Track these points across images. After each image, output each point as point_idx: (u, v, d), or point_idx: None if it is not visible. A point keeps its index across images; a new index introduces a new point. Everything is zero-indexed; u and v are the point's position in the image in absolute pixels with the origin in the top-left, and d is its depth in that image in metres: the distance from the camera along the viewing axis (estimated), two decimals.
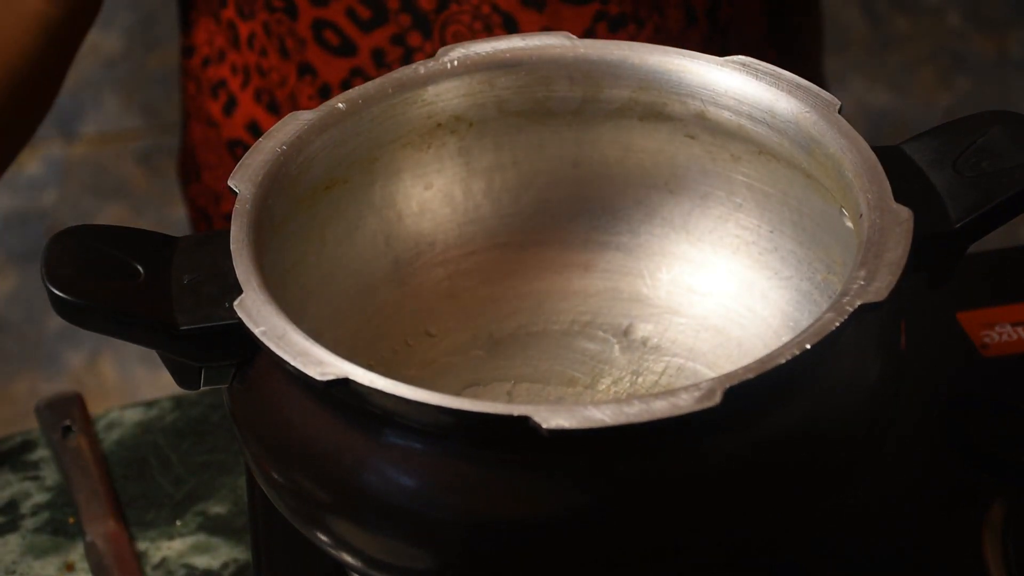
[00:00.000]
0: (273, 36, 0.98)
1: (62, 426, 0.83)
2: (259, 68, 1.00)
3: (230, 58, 1.02)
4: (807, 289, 0.73)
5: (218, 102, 1.03)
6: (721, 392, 0.56)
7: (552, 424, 0.55)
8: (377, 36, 0.96)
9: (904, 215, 0.62)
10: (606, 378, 0.76)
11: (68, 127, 2.22)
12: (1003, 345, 0.83)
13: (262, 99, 1.01)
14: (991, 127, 0.68)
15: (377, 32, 0.95)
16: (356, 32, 0.96)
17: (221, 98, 1.03)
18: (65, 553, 0.79)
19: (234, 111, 1.03)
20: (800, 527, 0.63)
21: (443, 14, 0.94)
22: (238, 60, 1.02)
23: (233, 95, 1.03)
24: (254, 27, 0.99)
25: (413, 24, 0.95)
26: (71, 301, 0.63)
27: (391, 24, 0.95)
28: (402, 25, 0.95)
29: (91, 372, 1.88)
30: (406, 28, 0.95)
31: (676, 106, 0.73)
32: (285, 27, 0.97)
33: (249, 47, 1.01)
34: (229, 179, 0.66)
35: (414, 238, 0.77)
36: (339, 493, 0.61)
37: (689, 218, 0.76)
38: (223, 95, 1.03)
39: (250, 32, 1.00)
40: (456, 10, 0.94)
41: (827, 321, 0.59)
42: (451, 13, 0.94)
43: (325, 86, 0.98)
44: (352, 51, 0.96)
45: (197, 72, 1.06)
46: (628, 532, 0.59)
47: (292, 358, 0.59)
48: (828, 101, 0.68)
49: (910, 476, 0.75)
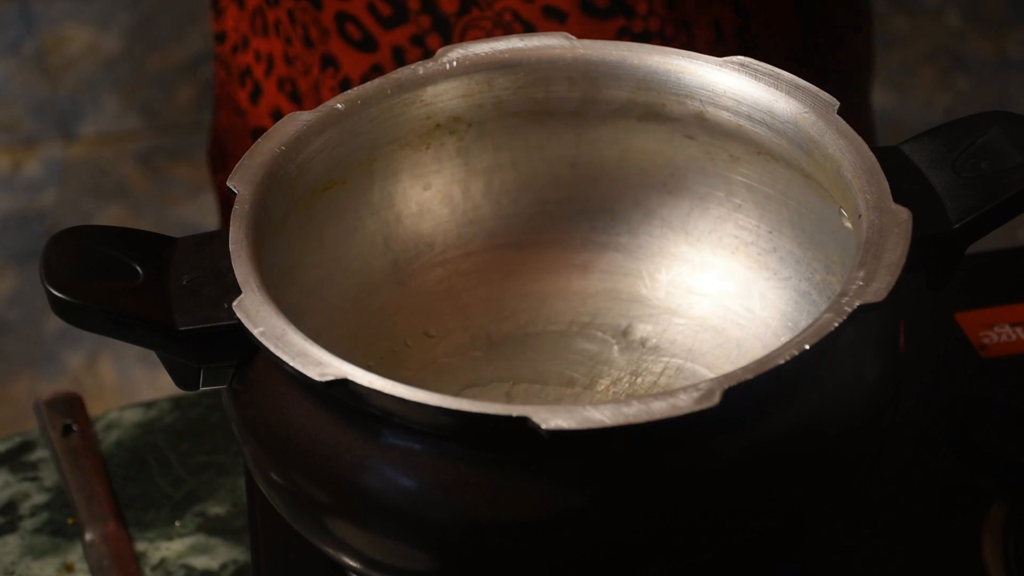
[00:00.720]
0: (298, 24, 0.97)
1: (61, 426, 0.83)
2: (285, 55, 0.99)
3: (253, 45, 1.01)
4: (806, 290, 0.73)
5: (245, 90, 1.03)
6: (720, 393, 0.56)
7: (551, 424, 0.55)
8: (398, 34, 0.95)
9: (903, 216, 0.62)
10: (605, 379, 0.76)
11: (67, 128, 2.23)
12: (1002, 346, 0.83)
13: (285, 88, 1.00)
14: (990, 128, 0.68)
15: (397, 30, 0.95)
16: (377, 28, 0.95)
17: (247, 86, 1.02)
18: (64, 554, 0.79)
19: (260, 99, 1.02)
20: (800, 528, 0.63)
21: (464, 18, 0.94)
22: (262, 47, 1.01)
23: (258, 83, 1.02)
24: (279, 14, 0.98)
25: (433, 26, 0.94)
26: (70, 302, 0.63)
27: (411, 24, 0.94)
28: (422, 26, 0.94)
29: (90, 373, 1.88)
30: (426, 30, 0.94)
31: (675, 107, 0.73)
32: (310, 16, 0.96)
33: (276, 33, 0.99)
34: (228, 179, 0.66)
35: (413, 239, 0.77)
36: (338, 494, 0.61)
37: (688, 219, 0.76)
38: (249, 83, 1.02)
39: (276, 19, 0.99)
40: (477, 15, 0.93)
41: (826, 322, 0.58)
42: (472, 18, 0.94)
43: (346, 80, 0.97)
44: (373, 47, 0.96)
45: (227, 58, 1.05)
46: (627, 533, 0.59)
47: (291, 359, 0.59)
48: (827, 102, 0.68)
49: (909, 476, 0.75)
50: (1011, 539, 0.72)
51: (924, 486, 0.75)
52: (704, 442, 0.59)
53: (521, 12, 0.93)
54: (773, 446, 0.60)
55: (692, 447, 0.59)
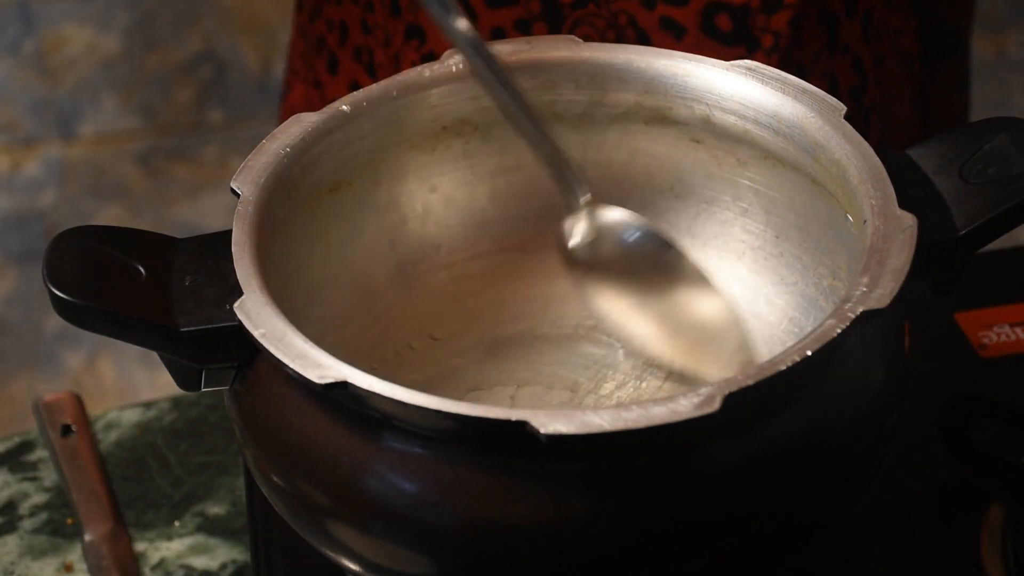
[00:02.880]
0: None
1: (60, 427, 0.83)
2: (363, 24, 0.95)
3: (325, 13, 0.98)
4: (812, 295, 0.73)
5: (322, 59, 0.99)
6: (720, 398, 0.56)
7: (550, 429, 0.55)
8: (503, 15, 0.91)
9: (908, 221, 0.62)
10: (610, 383, 0.76)
11: (67, 128, 2.22)
12: (1002, 346, 0.83)
13: (362, 59, 0.96)
14: (998, 133, 0.68)
15: (504, 11, 0.91)
16: (483, 6, 0.91)
17: (324, 55, 0.99)
18: (63, 554, 0.78)
19: (337, 70, 0.98)
20: (802, 535, 0.63)
21: (579, 11, 0.90)
22: (334, 14, 0.97)
23: (332, 53, 0.98)
24: None
25: (542, 13, 0.90)
26: (72, 302, 0.63)
27: (520, 7, 0.90)
28: (531, 11, 0.90)
29: (90, 373, 1.88)
30: (535, 16, 0.90)
31: (682, 110, 0.73)
32: None
33: (354, 1, 0.96)
34: (232, 181, 0.66)
35: (418, 241, 0.76)
36: (338, 496, 0.61)
37: (694, 223, 0.76)
38: (325, 53, 0.98)
39: None
40: (593, 11, 0.90)
41: (829, 327, 0.58)
42: (587, 13, 0.90)
43: (431, 54, 0.92)
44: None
45: (305, 27, 1.01)
46: (627, 538, 0.58)
47: (291, 361, 0.59)
48: (833, 106, 0.68)
49: (908, 476, 0.75)
50: (1010, 539, 0.72)
51: (923, 486, 0.76)
52: (705, 447, 0.59)
53: (638, 18, 0.90)
54: (775, 452, 0.60)
55: (693, 452, 0.59)
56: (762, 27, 0.89)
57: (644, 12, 0.90)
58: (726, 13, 0.89)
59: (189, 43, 2.32)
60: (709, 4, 0.89)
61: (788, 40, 0.90)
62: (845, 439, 0.62)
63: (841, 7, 0.92)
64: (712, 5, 0.89)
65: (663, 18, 0.90)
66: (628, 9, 0.90)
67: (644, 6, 0.90)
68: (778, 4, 0.89)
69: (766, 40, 0.90)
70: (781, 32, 0.90)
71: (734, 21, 0.90)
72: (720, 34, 0.90)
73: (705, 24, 0.90)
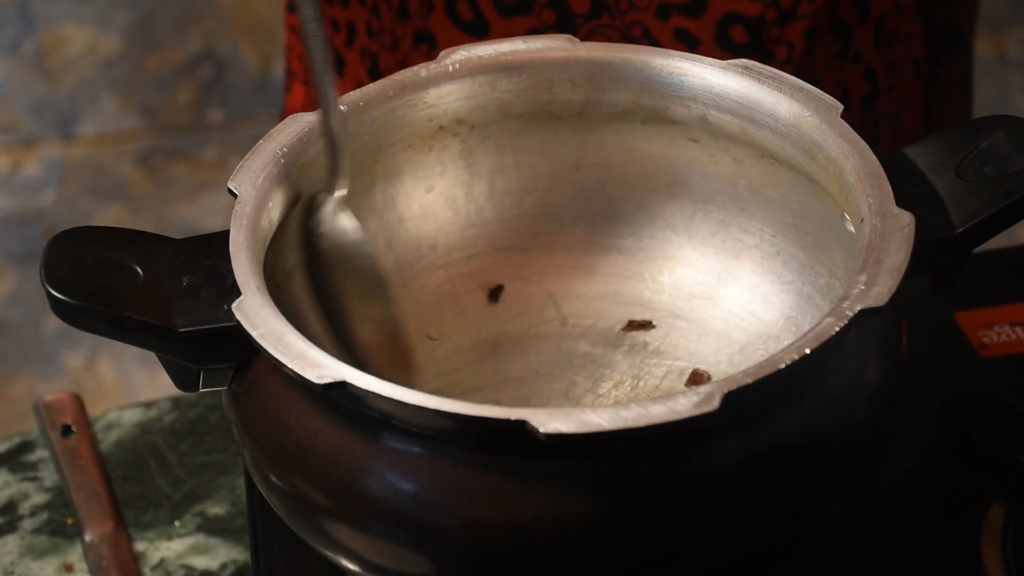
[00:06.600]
0: None
1: (61, 427, 0.83)
2: (368, 27, 0.95)
3: (330, 14, 0.96)
4: (809, 293, 0.73)
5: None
6: (720, 397, 0.56)
7: (549, 428, 0.55)
8: (514, 24, 0.90)
9: (905, 220, 0.62)
10: (607, 382, 0.76)
11: (66, 128, 2.22)
12: (1002, 345, 0.83)
13: (365, 62, 0.96)
14: (994, 132, 0.68)
15: (516, 20, 0.90)
16: (494, 13, 0.90)
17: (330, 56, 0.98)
18: (64, 554, 0.79)
19: (343, 70, 0.97)
20: (801, 534, 0.63)
21: (592, 22, 0.89)
22: (340, 16, 0.96)
23: (339, 53, 0.97)
24: None
25: (556, 23, 0.90)
26: (70, 303, 0.63)
27: (533, 16, 0.90)
28: (544, 21, 0.90)
29: (89, 373, 1.88)
30: (548, 26, 0.90)
31: (678, 109, 0.73)
32: None
33: (361, 3, 0.95)
34: (229, 181, 0.66)
35: (415, 241, 0.76)
36: (337, 496, 0.61)
37: (691, 222, 0.76)
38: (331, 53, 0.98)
39: None
40: (607, 21, 0.89)
41: (827, 326, 0.58)
42: (600, 23, 0.89)
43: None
44: (482, 32, 0.91)
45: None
46: (626, 537, 0.58)
47: (289, 361, 0.59)
48: (830, 105, 0.68)
49: (907, 476, 0.75)
50: (1010, 539, 0.72)
51: (923, 486, 0.75)
52: (704, 446, 0.59)
53: (652, 29, 0.89)
54: (774, 450, 0.60)
55: (692, 451, 0.59)
56: (776, 39, 0.89)
57: (658, 23, 0.89)
58: (741, 25, 0.89)
59: (189, 43, 2.32)
60: (724, 16, 0.89)
61: (802, 51, 0.90)
62: (843, 437, 0.62)
63: (853, 15, 0.92)
64: (727, 17, 0.89)
65: (677, 29, 0.89)
66: (642, 20, 0.89)
67: (659, 17, 0.89)
68: (792, 15, 0.89)
69: (780, 52, 0.90)
70: (795, 44, 0.89)
71: (749, 33, 0.89)
72: (735, 46, 0.89)
73: (720, 36, 0.89)
